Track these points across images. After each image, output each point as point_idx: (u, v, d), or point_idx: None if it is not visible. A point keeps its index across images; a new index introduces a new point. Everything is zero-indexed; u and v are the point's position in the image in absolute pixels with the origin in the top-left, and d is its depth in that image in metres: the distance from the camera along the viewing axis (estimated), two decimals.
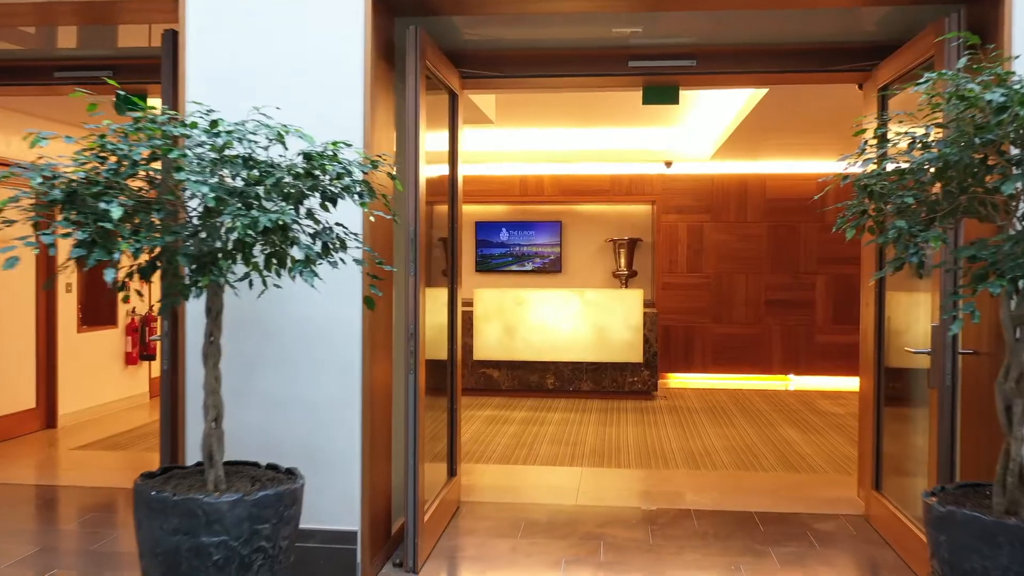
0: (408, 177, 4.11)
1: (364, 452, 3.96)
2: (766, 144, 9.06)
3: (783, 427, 7.78)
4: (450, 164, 5.27)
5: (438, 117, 5.21)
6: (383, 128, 4.24)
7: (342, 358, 3.95)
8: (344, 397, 3.96)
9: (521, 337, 9.21)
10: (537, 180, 10.86)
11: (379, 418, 4.18)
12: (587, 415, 8.33)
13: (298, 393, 3.97)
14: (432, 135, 5.25)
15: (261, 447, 3.94)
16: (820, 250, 10.46)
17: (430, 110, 4.96)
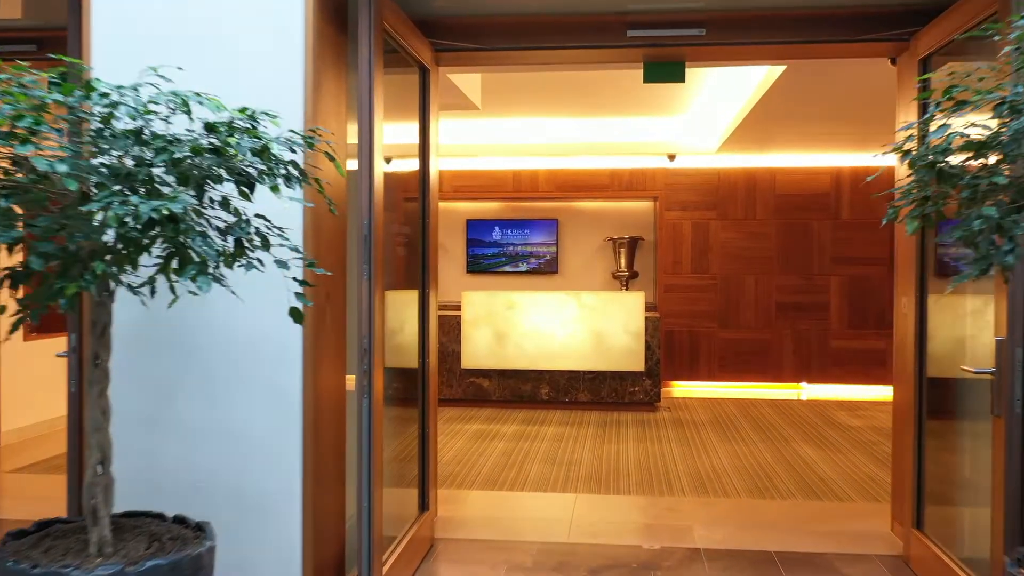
0: (362, 162, 3.42)
1: (306, 490, 3.28)
2: (777, 135, 8.37)
3: (799, 443, 7.08)
4: (421, 151, 4.58)
5: (406, 96, 4.52)
6: (330, 105, 3.55)
7: (278, 379, 3.27)
8: (280, 425, 3.27)
9: (513, 344, 8.52)
10: (531, 175, 10.18)
11: (328, 449, 3.49)
12: (584, 429, 7.64)
13: (224, 422, 3.28)
14: (401, 118, 4.57)
15: (179, 488, 3.25)
16: (834, 249, 9.77)
17: (397, 88, 4.27)
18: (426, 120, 4.56)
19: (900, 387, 4.63)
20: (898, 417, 4.64)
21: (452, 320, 8.68)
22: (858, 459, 6.52)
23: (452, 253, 10.70)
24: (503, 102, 8.15)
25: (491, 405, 8.67)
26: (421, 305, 4.53)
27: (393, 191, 4.43)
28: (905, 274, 4.47)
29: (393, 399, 4.44)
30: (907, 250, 4.45)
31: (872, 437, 7.32)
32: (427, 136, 4.55)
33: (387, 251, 4.06)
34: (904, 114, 4.51)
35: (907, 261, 4.44)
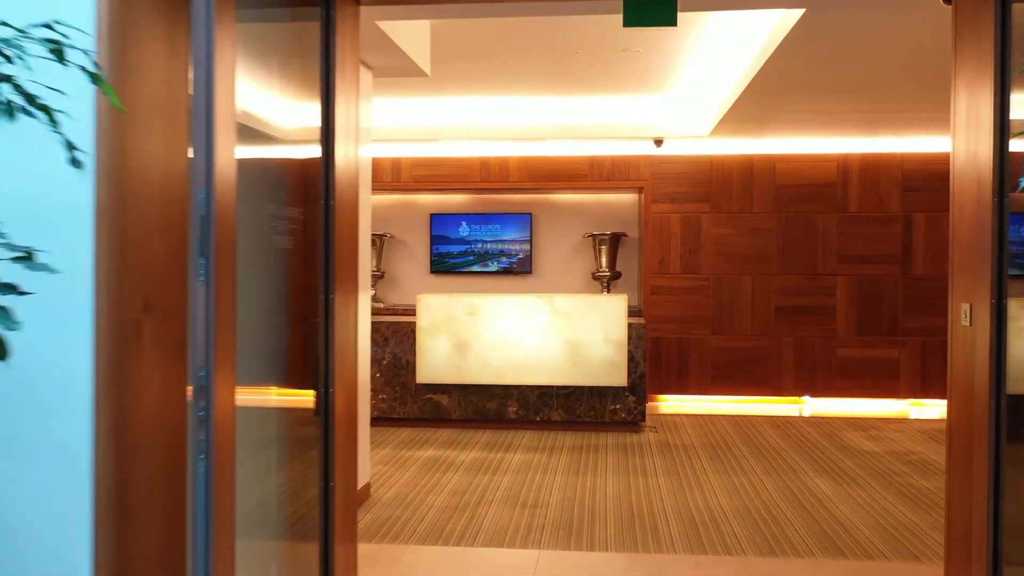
0: (197, 113, 2.29)
1: None
2: (779, 114, 7.27)
3: (808, 475, 5.99)
4: (324, 113, 3.42)
5: (302, 47, 3.39)
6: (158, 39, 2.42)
7: (56, 437, 2.14)
8: (60, 510, 2.14)
9: (476, 355, 7.39)
10: (501, 163, 9.06)
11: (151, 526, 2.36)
12: (556, 456, 6.52)
13: None
14: (299, 76, 3.44)
15: None
16: (841, 246, 8.69)
17: (289, 35, 3.17)
18: (330, 72, 3.41)
19: (959, 406, 3.52)
20: (957, 446, 3.54)
21: (406, 328, 7.55)
22: (883, 497, 5.42)
23: (414, 251, 9.57)
24: (462, 74, 7.02)
25: (450, 425, 7.53)
26: (326, 316, 3.39)
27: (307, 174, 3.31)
28: (970, 273, 3.36)
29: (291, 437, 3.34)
30: (971, 244, 3.35)
31: (894, 466, 6.24)
32: (331, 93, 3.40)
33: (262, 242, 2.93)
34: (969, 69, 3.41)
35: (973, 258, 3.34)
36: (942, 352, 8.57)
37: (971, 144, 3.35)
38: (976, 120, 3.31)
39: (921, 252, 8.60)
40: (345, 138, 3.53)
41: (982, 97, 3.23)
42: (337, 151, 3.41)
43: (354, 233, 3.76)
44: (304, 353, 3.40)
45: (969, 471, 3.37)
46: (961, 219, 3.47)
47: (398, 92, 7.74)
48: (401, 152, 9.12)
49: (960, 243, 3.47)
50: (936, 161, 8.57)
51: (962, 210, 3.45)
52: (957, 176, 3.51)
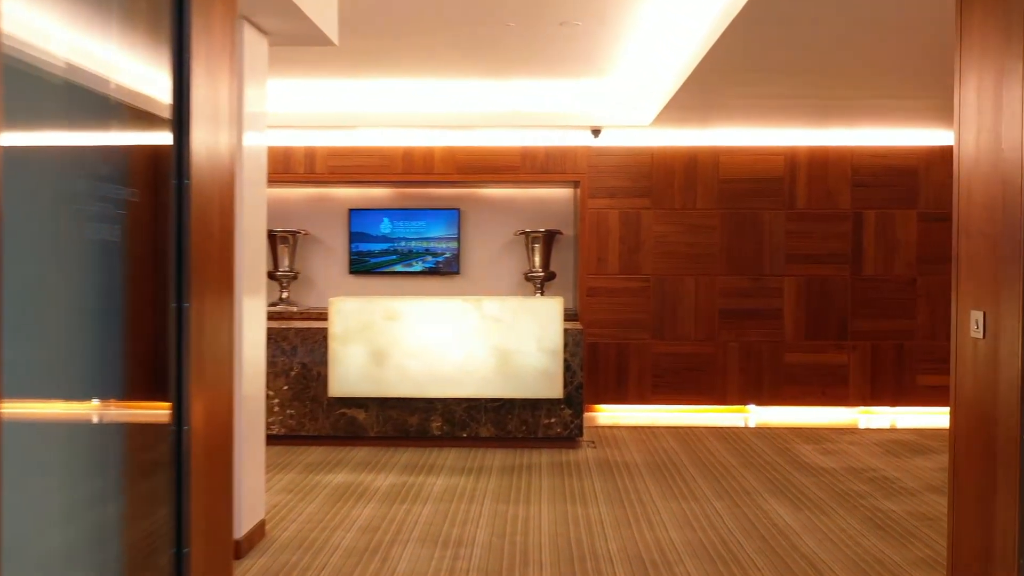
0: None
1: None
2: (726, 101, 6.69)
3: (765, 498, 5.38)
4: (176, 90, 2.63)
5: None
6: None
7: None
8: None
9: (396, 365, 6.63)
10: (426, 154, 8.31)
11: None
12: (484, 479, 5.81)
13: None
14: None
15: None
16: (788, 245, 8.16)
17: None
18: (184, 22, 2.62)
19: (969, 426, 2.92)
20: (966, 473, 2.93)
21: (317, 335, 6.75)
22: (850, 525, 4.84)
23: (331, 250, 8.76)
24: (379, 51, 6.26)
25: (367, 443, 6.76)
26: (179, 321, 2.61)
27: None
28: (983, 278, 2.76)
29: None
30: (987, 246, 2.74)
31: (855, 486, 5.68)
32: (185, 49, 2.62)
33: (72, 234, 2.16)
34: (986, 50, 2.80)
35: (988, 261, 2.73)
36: (893, 357, 8.12)
37: (987, 135, 2.75)
38: (995, 108, 2.70)
39: (871, 251, 8.13)
40: (212, 115, 2.77)
41: (1009, 83, 2.62)
42: (196, 132, 2.64)
43: (227, 230, 2.99)
44: (146, 365, 2.62)
45: (985, 504, 2.76)
46: (970, 218, 2.86)
47: (310, 72, 6.94)
48: (315, 140, 8.30)
49: (970, 244, 2.86)
50: (887, 155, 8.11)
51: (972, 208, 2.84)
52: (965, 171, 2.90)
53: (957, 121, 2.98)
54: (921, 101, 6.69)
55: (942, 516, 4.99)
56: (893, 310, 8.12)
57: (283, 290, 8.53)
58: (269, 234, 8.47)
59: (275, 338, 6.72)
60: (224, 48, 2.95)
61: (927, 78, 5.93)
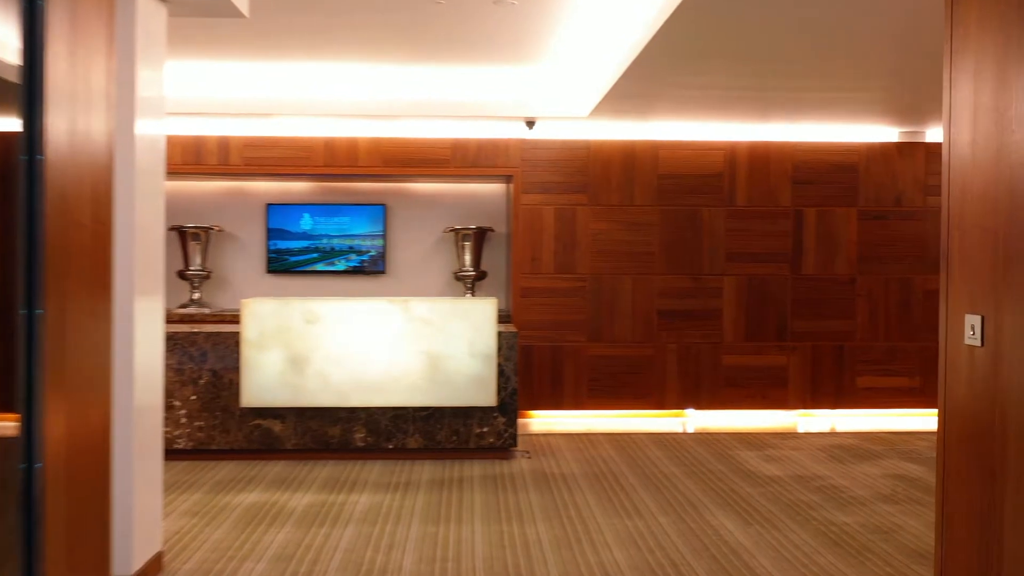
0: None
1: None
2: (668, 91, 6.36)
3: (712, 512, 5.05)
4: (28, 62, 2.13)
5: None
6: None
7: None
8: None
9: (316, 372, 6.13)
10: (349, 145, 7.80)
11: None
12: (412, 495, 5.36)
13: None
14: None
15: None
16: (729, 243, 7.89)
17: None
18: None
19: (961, 439, 2.60)
20: (957, 488, 2.61)
21: (229, 339, 6.20)
22: (803, 540, 4.53)
23: (248, 247, 8.18)
24: (297, 29, 5.75)
25: (284, 457, 6.24)
26: (28, 329, 2.10)
27: None
28: (981, 280, 2.43)
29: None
30: (986, 245, 2.41)
31: (803, 495, 5.40)
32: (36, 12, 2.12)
33: None
34: (983, 40, 2.48)
35: (988, 262, 2.41)
36: (833, 358, 7.92)
37: (988, 122, 2.43)
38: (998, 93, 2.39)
39: (812, 250, 7.92)
40: (77, 94, 2.27)
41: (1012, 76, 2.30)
42: (54, 111, 2.15)
43: (102, 221, 2.50)
44: None
45: (986, 528, 2.44)
46: (964, 212, 2.54)
47: (223, 54, 6.40)
48: (230, 129, 7.72)
49: (964, 241, 2.53)
50: (828, 151, 7.91)
51: (967, 200, 2.52)
52: (959, 161, 2.58)
53: (947, 110, 2.66)
54: (865, 93, 6.47)
55: (897, 529, 4.73)
56: (833, 310, 7.92)
57: (194, 290, 7.92)
58: (179, 230, 7.86)
59: (182, 343, 6.15)
60: (99, 17, 2.46)
61: (875, 66, 5.69)
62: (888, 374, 7.96)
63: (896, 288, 7.93)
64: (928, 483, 5.72)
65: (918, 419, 7.92)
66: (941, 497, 2.71)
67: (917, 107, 6.96)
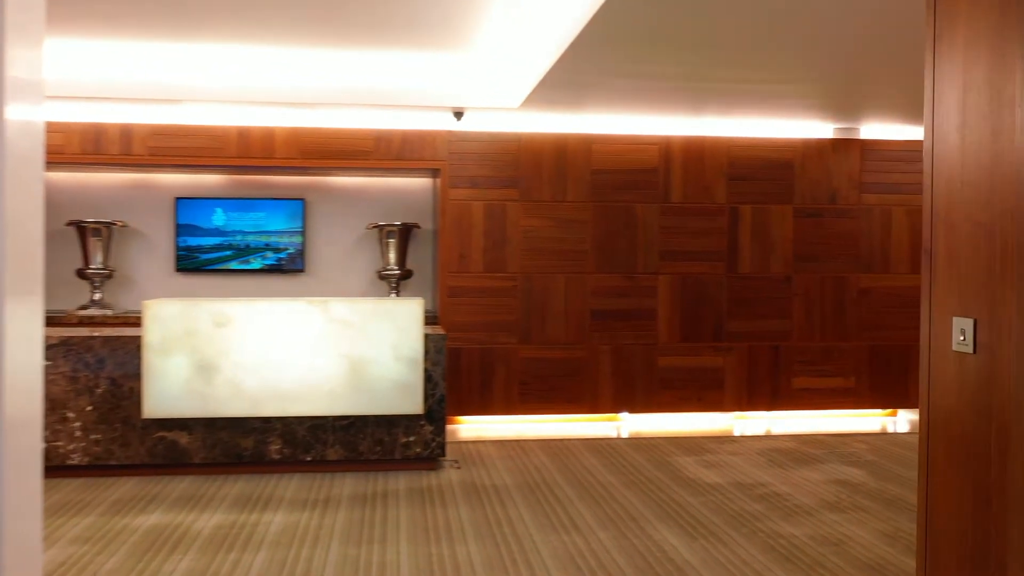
0: None
1: None
2: (604, 81, 6.06)
3: (654, 526, 4.76)
4: None
5: None
6: None
7: None
8: None
9: (226, 379, 5.64)
10: (265, 135, 7.30)
11: None
12: (331, 513, 4.93)
13: None
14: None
15: None
16: (664, 241, 7.65)
17: None
18: None
19: (950, 454, 2.34)
20: (945, 501, 2.34)
21: (131, 344, 5.67)
22: (752, 556, 4.27)
23: (155, 245, 7.61)
24: (205, 7, 5.26)
25: (192, 471, 5.74)
26: None
27: None
28: (975, 281, 2.16)
29: None
30: (981, 244, 2.14)
31: (747, 505, 5.15)
32: None
33: None
34: (975, 29, 2.21)
35: (983, 261, 2.13)
36: (769, 359, 7.74)
37: (977, 110, 2.15)
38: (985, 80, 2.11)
39: (747, 248, 7.73)
40: None
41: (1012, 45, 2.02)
42: None
43: None
44: None
45: (982, 557, 2.16)
46: (953, 204, 2.27)
47: (123, 32, 5.86)
48: (133, 116, 7.15)
49: (953, 237, 2.26)
50: (764, 146, 7.73)
51: (955, 191, 2.25)
52: (942, 155, 2.31)
53: (930, 91, 2.39)
54: (802, 86, 6.26)
55: (847, 540, 4.51)
56: (769, 309, 7.75)
57: (95, 291, 7.32)
58: (77, 225, 7.25)
59: (77, 348, 5.60)
60: None
61: (812, 57, 5.48)
62: (824, 374, 7.82)
63: (831, 287, 7.80)
64: (870, 488, 5.54)
65: (854, 420, 7.81)
66: (924, 523, 2.44)
67: (853, 102, 6.80)
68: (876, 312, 7.85)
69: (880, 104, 6.84)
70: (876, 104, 6.84)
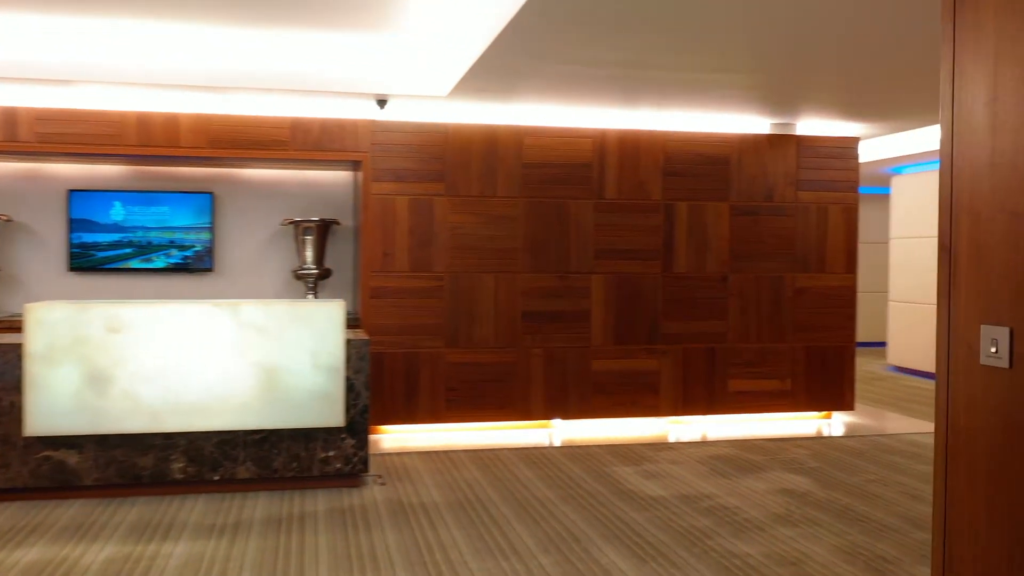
0: None
1: None
2: (540, 67, 5.67)
3: (599, 547, 4.39)
4: None
5: None
6: None
7: None
8: None
9: (123, 391, 5.05)
10: (168, 121, 6.68)
11: None
12: (241, 540, 4.42)
13: None
14: None
15: None
16: (598, 239, 7.30)
17: None
18: None
19: (967, 475, 2.00)
20: (972, 534, 2.00)
21: (11, 352, 5.03)
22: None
23: (45, 241, 6.92)
24: None
25: (83, 495, 5.13)
26: None
27: None
28: (1006, 287, 1.82)
29: None
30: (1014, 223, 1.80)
31: (695, 520, 4.82)
32: None
33: None
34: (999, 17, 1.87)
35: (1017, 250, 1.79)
36: (705, 361, 7.47)
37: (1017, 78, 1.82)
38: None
39: (683, 246, 7.44)
40: None
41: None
42: None
43: None
44: None
45: None
46: (975, 197, 1.93)
47: (7, 4, 5.21)
48: (18, 98, 6.46)
49: (978, 231, 1.92)
50: (700, 141, 7.46)
51: (979, 183, 1.91)
52: (966, 134, 1.97)
53: (949, 70, 2.05)
54: (740, 76, 5.96)
55: (804, 559, 4.22)
56: (705, 310, 7.48)
57: None
58: None
59: None
60: None
61: (751, 44, 5.19)
62: (759, 376, 7.60)
63: (767, 287, 7.58)
64: (819, 498, 5.28)
65: (789, 423, 7.62)
66: (942, 550, 2.10)
67: (791, 96, 6.57)
68: (811, 312, 7.67)
69: (818, 98, 6.62)
70: (814, 98, 6.62)
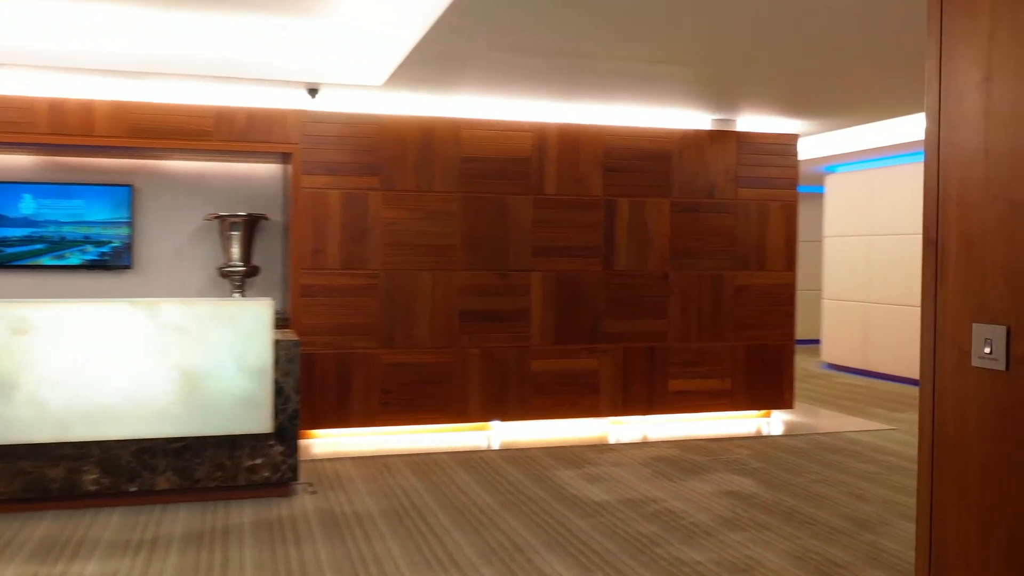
0: None
1: None
2: (481, 53, 5.45)
3: (542, 555, 4.19)
4: None
5: None
6: None
7: None
8: None
9: (28, 398, 4.67)
10: (82, 108, 6.27)
11: None
12: (159, 558, 4.10)
13: None
14: None
15: None
16: (537, 236, 7.11)
17: None
18: None
19: (956, 487, 1.84)
20: (963, 555, 1.84)
21: None
22: None
23: None
24: None
25: None
26: None
27: None
28: (998, 283, 1.67)
29: None
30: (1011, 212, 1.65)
31: (641, 526, 4.66)
32: None
33: None
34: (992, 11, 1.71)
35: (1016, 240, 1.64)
36: (645, 361, 7.35)
37: (1014, 56, 1.66)
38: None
39: (624, 244, 7.30)
40: None
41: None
42: None
43: None
44: None
45: None
46: (965, 186, 1.77)
47: None
48: None
49: (968, 222, 1.76)
50: (641, 136, 7.32)
51: (969, 170, 1.75)
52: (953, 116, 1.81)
53: (936, 51, 1.89)
54: (680, 68, 5.82)
55: (755, 565, 4.08)
56: (646, 309, 7.35)
57: None
58: None
59: None
60: None
61: (693, 34, 5.05)
62: (699, 376, 7.50)
63: (708, 285, 7.49)
64: (765, 500, 5.18)
65: (729, 423, 7.54)
66: (927, 567, 1.94)
67: (730, 89, 6.47)
68: (751, 311, 7.61)
69: (758, 93, 6.54)
70: (754, 93, 6.53)
